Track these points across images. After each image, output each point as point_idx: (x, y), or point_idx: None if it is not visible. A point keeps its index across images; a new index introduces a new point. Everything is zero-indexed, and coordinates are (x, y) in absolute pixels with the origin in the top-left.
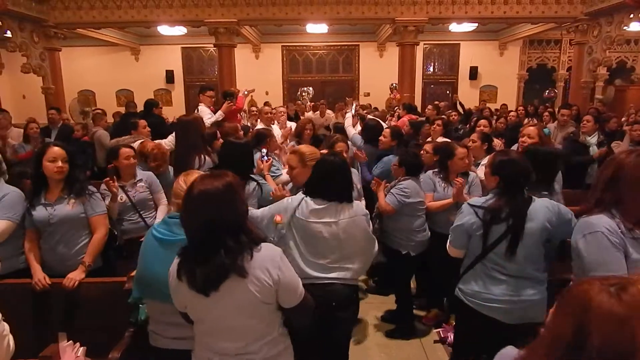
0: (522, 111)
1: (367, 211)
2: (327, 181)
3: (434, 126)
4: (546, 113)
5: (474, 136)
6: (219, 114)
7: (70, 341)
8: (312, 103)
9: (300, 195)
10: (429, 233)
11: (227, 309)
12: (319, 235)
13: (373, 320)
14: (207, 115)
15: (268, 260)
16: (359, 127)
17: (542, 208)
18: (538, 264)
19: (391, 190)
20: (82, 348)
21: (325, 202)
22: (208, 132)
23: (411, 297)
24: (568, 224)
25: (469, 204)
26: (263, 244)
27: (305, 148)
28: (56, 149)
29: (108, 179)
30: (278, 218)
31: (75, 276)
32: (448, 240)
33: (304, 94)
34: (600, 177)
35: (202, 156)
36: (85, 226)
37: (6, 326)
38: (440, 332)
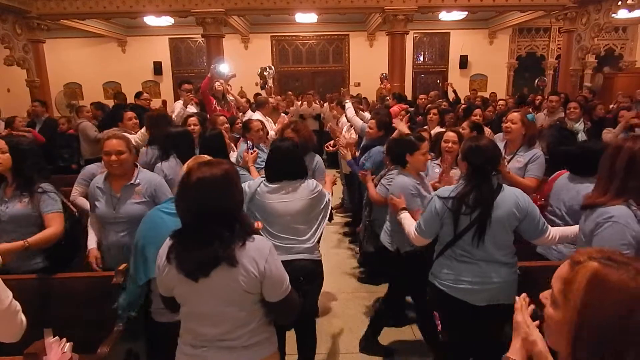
0: (510, 101)
1: (320, 190)
2: (279, 163)
3: (430, 116)
4: (538, 98)
5: (465, 124)
6: (180, 107)
7: (57, 337)
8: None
9: (259, 179)
10: None
11: (211, 295)
12: (275, 214)
13: (364, 310)
14: (177, 109)
15: (256, 252)
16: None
17: (510, 195)
18: (506, 249)
19: (381, 181)
20: (68, 344)
21: (279, 182)
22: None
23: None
24: (533, 220)
25: (437, 195)
26: (256, 236)
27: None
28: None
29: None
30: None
31: (3, 246)
32: (414, 230)
33: (265, 72)
34: (611, 168)
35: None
36: (39, 226)
37: (18, 304)
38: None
